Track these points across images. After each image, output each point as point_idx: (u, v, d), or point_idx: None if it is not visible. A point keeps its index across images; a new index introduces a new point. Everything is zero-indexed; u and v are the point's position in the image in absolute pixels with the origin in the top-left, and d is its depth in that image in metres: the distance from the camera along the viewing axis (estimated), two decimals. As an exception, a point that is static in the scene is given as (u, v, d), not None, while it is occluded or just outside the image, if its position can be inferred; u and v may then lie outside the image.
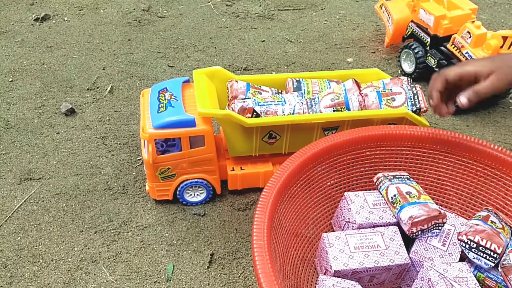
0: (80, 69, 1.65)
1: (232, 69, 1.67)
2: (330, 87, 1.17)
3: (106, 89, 1.56)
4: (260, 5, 2.08)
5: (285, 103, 1.09)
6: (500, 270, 0.88)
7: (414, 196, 0.96)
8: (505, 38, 1.33)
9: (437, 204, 1.07)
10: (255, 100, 1.08)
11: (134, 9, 2.00)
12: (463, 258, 0.95)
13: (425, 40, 1.54)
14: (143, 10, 1.99)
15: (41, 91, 1.53)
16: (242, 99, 1.11)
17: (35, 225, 1.13)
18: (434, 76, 0.90)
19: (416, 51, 1.58)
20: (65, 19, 1.92)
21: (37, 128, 1.40)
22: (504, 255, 0.88)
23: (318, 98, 1.12)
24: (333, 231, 1.06)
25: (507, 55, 0.87)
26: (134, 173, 1.26)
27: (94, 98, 1.52)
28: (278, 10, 2.05)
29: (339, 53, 1.78)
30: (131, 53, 1.74)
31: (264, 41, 1.84)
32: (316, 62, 1.72)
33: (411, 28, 1.60)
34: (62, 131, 1.39)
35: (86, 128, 1.40)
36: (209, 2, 2.08)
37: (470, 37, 1.38)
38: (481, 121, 1.47)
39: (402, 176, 1.02)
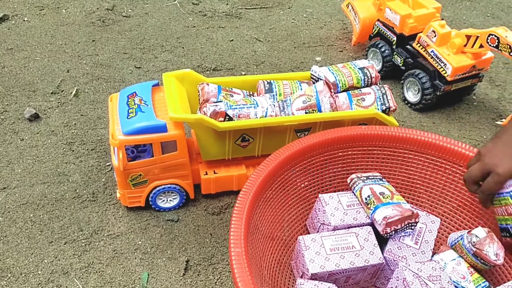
0: (43, 72, 1.59)
1: (201, 70, 1.65)
2: (301, 89, 1.17)
3: (71, 93, 1.51)
4: (227, 4, 2.06)
5: (258, 106, 1.08)
6: (474, 250, 0.91)
7: (387, 197, 0.97)
8: (468, 37, 1.36)
9: (408, 202, 1.09)
10: (227, 103, 1.07)
11: (97, 8, 1.94)
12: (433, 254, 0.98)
13: (391, 39, 1.57)
14: (107, 9, 1.94)
15: (3, 96, 1.47)
16: (214, 102, 1.10)
17: (2, 238, 1.08)
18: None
19: (382, 50, 1.60)
20: (25, 19, 1.85)
21: (-1, 135, 1.35)
22: (465, 237, 0.93)
23: (290, 100, 1.12)
24: (308, 233, 1.06)
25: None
26: (103, 180, 1.23)
27: (59, 102, 1.47)
28: (246, 8, 2.04)
29: (307, 52, 1.78)
30: (96, 54, 1.70)
31: (232, 40, 1.83)
32: (285, 62, 1.72)
33: (377, 27, 1.62)
34: (26, 137, 1.34)
35: (51, 134, 1.36)
36: (175, 0, 2.05)
37: (435, 36, 1.41)
38: (446, 117, 1.51)
39: (375, 177, 1.03)
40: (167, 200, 1.15)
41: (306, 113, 1.11)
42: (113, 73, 1.61)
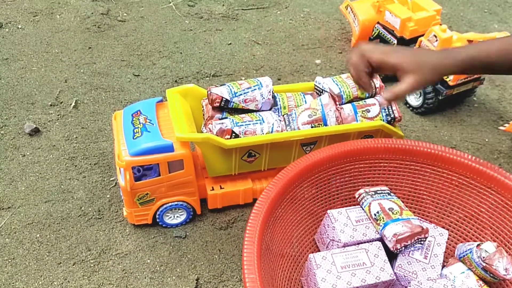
0: (41, 82, 1.57)
1: (201, 76, 1.64)
2: (305, 101, 1.17)
3: (71, 104, 1.49)
4: (223, 5, 2.04)
5: (264, 121, 1.08)
6: (484, 265, 0.92)
7: (396, 213, 0.97)
8: (470, 42, 1.36)
9: (415, 213, 1.10)
10: (233, 120, 1.06)
11: (92, 13, 1.91)
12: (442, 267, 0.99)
13: (392, 42, 1.56)
14: (101, 14, 1.91)
15: (1, 110, 1.45)
16: (219, 119, 1.09)
17: (10, 260, 1.08)
18: (356, 53, 0.87)
19: (383, 52, 1.59)
20: (19, 27, 1.82)
21: (0, 151, 1.33)
22: (475, 252, 0.94)
23: (295, 114, 1.12)
24: (317, 247, 1.07)
25: (431, 52, 0.87)
26: (108, 196, 1.22)
27: (58, 115, 1.45)
28: (242, 9, 2.02)
29: (306, 55, 1.77)
30: (93, 62, 1.68)
31: (230, 44, 1.81)
32: (285, 65, 1.71)
33: (377, 29, 1.62)
34: (28, 153, 1.33)
35: (53, 149, 1.34)
36: (170, 3, 2.02)
37: (436, 41, 1.41)
38: (448, 121, 1.51)
39: (383, 191, 1.04)
40: (174, 217, 1.15)
41: (312, 127, 1.10)
42: (111, 82, 1.59)
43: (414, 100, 1.51)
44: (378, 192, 1.03)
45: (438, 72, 0.85)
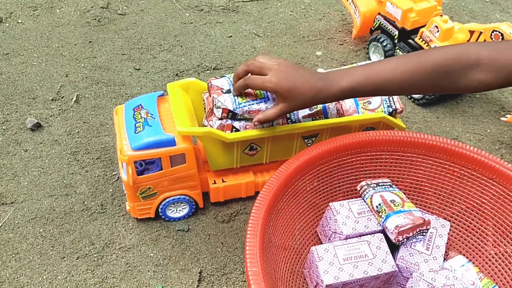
0: (42, 77, 1.57)
1: (202, 69, 1.63)
2: (307, 94, 1.16)
3: (72, 99, 1.49)
4: (223, -3, 2.03)
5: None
6: None
7: (398, 205, 0.98)
8: (471, 32, 1.35)
9: (416, 204, 1.10)
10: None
11: (92, 6, 1.91)
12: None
13: (393, 33, 1.55)
14: (101, 8, 1.90)
15: (3, 105, 1.45)
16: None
17: (14, 255, 1.08)
18: (242, 70, 0.96)
19: (384, 44, 1.59)
20: (19, 21, 1.81)
21: (2, 146, 1.33)
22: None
23: (296, 107, 1.11)
24: (319, 239, 1.07)
25: (311, 82, 0.90)
26: (111, 190, 1.23)
27: (60, 109, 1.45)
28: (242, 1, 2.01)
29: (307, 46, 1.77)
30: (93, 56, 1.67)
31: (231, 36, 1.81)
32: (286, 57, 1.71)
33: (378, 20, 1.61)
34: (30, 148, 1.33)
35: (55, 143, 1.35)
36: (170, -5, 2.01)
37: (438, 31, 1.40)
38: (450, 112, 1.51)
39: (384, 183, 1.04)
40: (176, 210, 1.15)
41: (313, 119, 1.10)
42: (112, 76, 1.59)
43: (416, 91, 1.51)
44: (380, 184, 1.03)
45: (310, 104, 0.93)
